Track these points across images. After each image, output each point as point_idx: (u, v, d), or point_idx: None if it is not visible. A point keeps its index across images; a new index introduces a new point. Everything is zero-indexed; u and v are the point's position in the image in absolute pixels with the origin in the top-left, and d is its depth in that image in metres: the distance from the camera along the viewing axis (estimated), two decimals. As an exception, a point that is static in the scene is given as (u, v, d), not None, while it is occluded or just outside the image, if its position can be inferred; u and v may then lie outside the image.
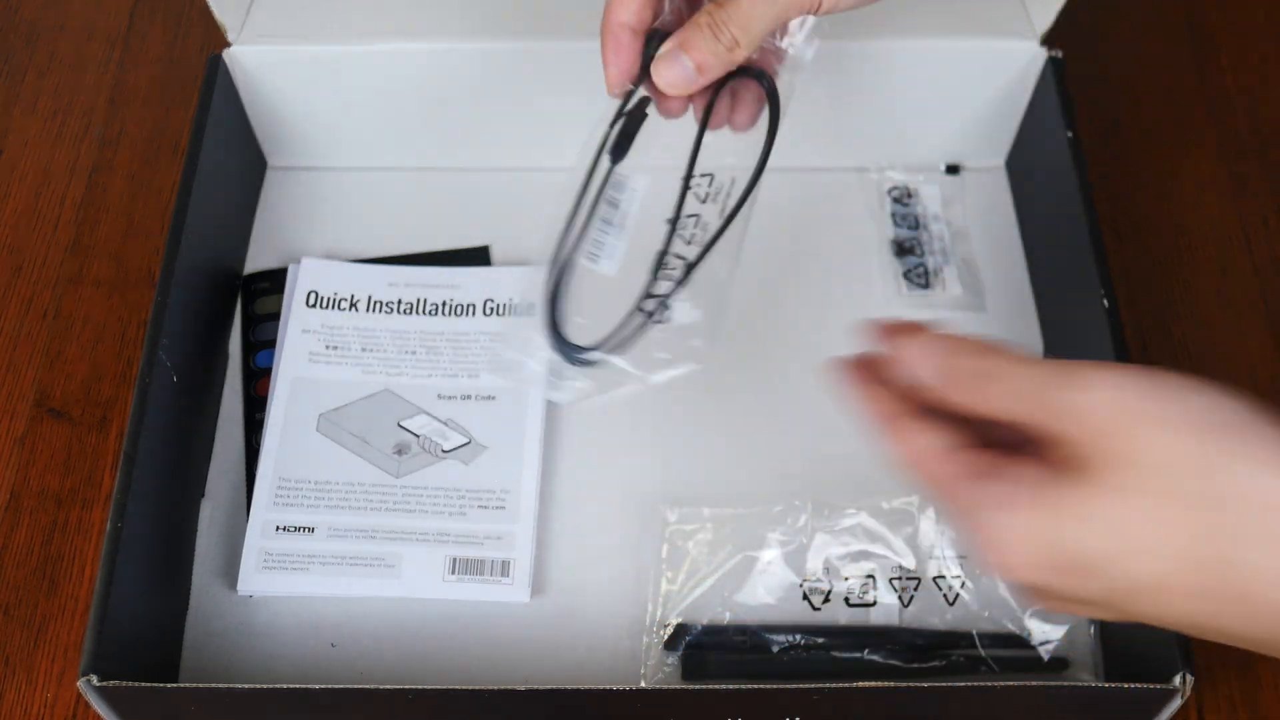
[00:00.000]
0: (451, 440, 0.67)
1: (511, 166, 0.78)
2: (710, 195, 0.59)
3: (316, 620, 0.63)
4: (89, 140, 0.82)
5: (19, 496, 0.68)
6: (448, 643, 0.62)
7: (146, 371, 0.61)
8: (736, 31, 0.52)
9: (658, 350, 0.56)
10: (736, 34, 0.52)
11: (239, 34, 0.72)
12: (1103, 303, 0.63)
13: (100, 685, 0.53)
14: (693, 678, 0.61)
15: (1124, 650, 0.60)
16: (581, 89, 0.74)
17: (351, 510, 0.65)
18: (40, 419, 0.70)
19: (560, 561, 0.65)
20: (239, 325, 0.72)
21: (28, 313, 0.74)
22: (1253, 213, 0.78)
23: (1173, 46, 0.85)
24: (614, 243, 0.58)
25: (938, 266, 0.74)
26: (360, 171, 0.79)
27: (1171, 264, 0.76)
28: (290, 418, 0.67)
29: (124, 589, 0.56)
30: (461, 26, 0.72)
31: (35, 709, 0.62)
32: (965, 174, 0.78)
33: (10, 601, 0.65)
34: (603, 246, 0.58)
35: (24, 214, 0.79)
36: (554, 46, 0.72)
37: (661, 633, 0.62)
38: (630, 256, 0.57)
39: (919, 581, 0.63)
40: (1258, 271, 0.75)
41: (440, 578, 0.63)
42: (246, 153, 0.77)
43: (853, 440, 0.67)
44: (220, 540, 0.65)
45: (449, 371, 0.69)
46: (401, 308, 0.72)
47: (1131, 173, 0.79)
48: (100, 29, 0.87)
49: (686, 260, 0.57)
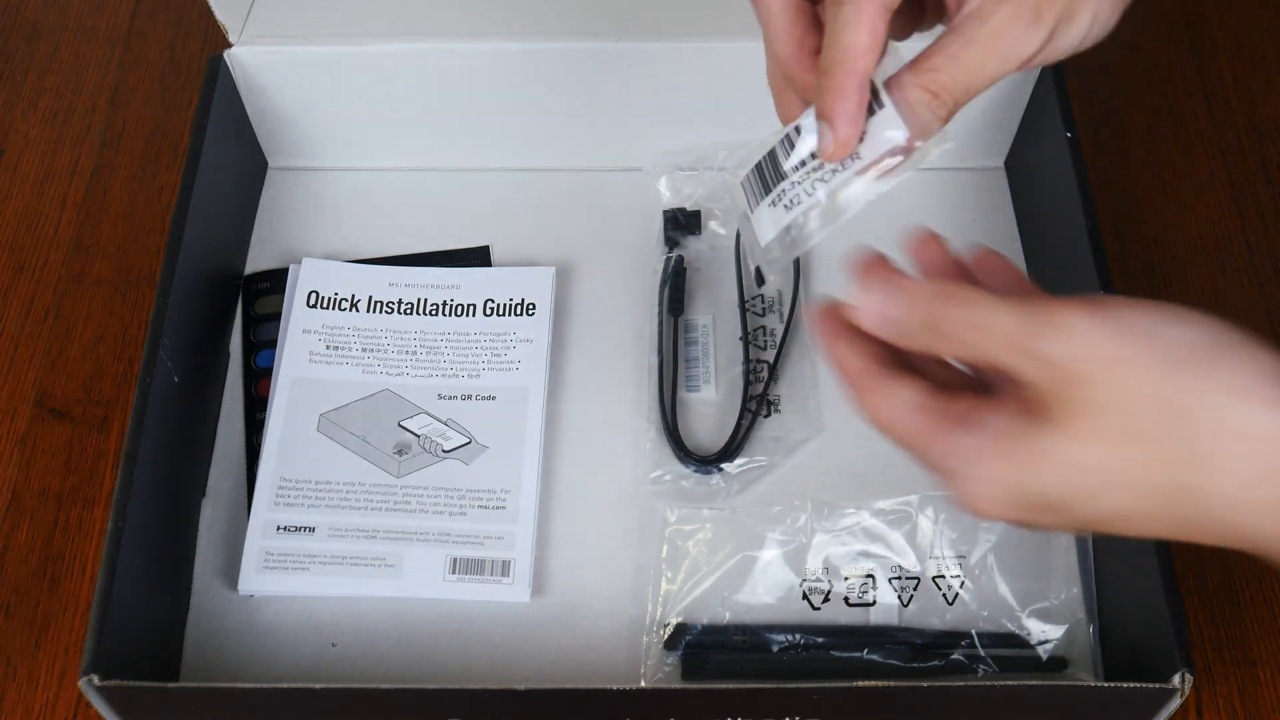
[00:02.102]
0: (452, 440, 0.67)
1: (511, 166, 0.78)
2: (766, 308, 0.72)
3: (317, 620, 0.63)
4: (90, 140, 0.82)
5: (20, 496, 0.68)
6: (448, 643, 0.62)
7: (147, 371, 0.61)
8: (956, 99, 0.46)
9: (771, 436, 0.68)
10: (955, 100, 0.46)
11: (239, 34, 0.72)
12: (1102, 303, 0.63)
13: (101, 685, 0.53)
14: (693, 677, 0.61)
15: (1123, 650, 0.60)
16: (582, 89, 0.75)
17: (352, 510, 0.65)
18: (41, 419, 0.71)
19: (560, 561, 0.65)
20: (239, 325, 0.72)
21: (29, 313, 0.74)
22: (1253, 213, 0.78)
23: (1173, 46, 0.85)
24: (704, 371, 0.70)
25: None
26: (360, 171, 0.79)
27: (1171, 264, 0.76)
28: (291, 418, 0.67)
29: (125, 589, 0.56)
30: (461, 26, 0.72)
31: (36, 709, 0.62)
32: (965, 174, 0.78)
33: (11, 601, 0.65)
34: (696, 377, 0.70)
35: (25, 214, 0.79)
36: (554, 47, 0.72)
37: (661, 632, 0.62)
38: (721, 376, 0.70)
39: (918, 581, 0.63)
40: (1257, 271, 0.75)
41: (441, 577, 0.63)
42: (247, 153, 0.77)
43: (852, 440, 0.67)
44: (221, 540, 0.65)
45: (449, 371, 0.70)
46: (402, 308, 0.72)
47: (1131, 173, 0.79)
48: (101, 29, 0.87)
49: (768, 363, 0.69)
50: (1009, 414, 0.42)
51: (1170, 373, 0.39)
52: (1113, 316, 0.40)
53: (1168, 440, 0.39)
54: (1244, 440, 0.39)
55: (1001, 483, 0.42)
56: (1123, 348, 0.40)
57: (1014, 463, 0.41)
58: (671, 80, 0.73)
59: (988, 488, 0.42)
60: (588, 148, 0.77)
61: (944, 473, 0.43)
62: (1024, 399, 0.41)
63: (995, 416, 0.42)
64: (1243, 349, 0.40)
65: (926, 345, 0.43)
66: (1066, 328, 0.40)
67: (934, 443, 0.43)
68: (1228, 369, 0.39)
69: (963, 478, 0.42)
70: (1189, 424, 0.39)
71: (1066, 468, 0.41)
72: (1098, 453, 0.40)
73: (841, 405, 0.69)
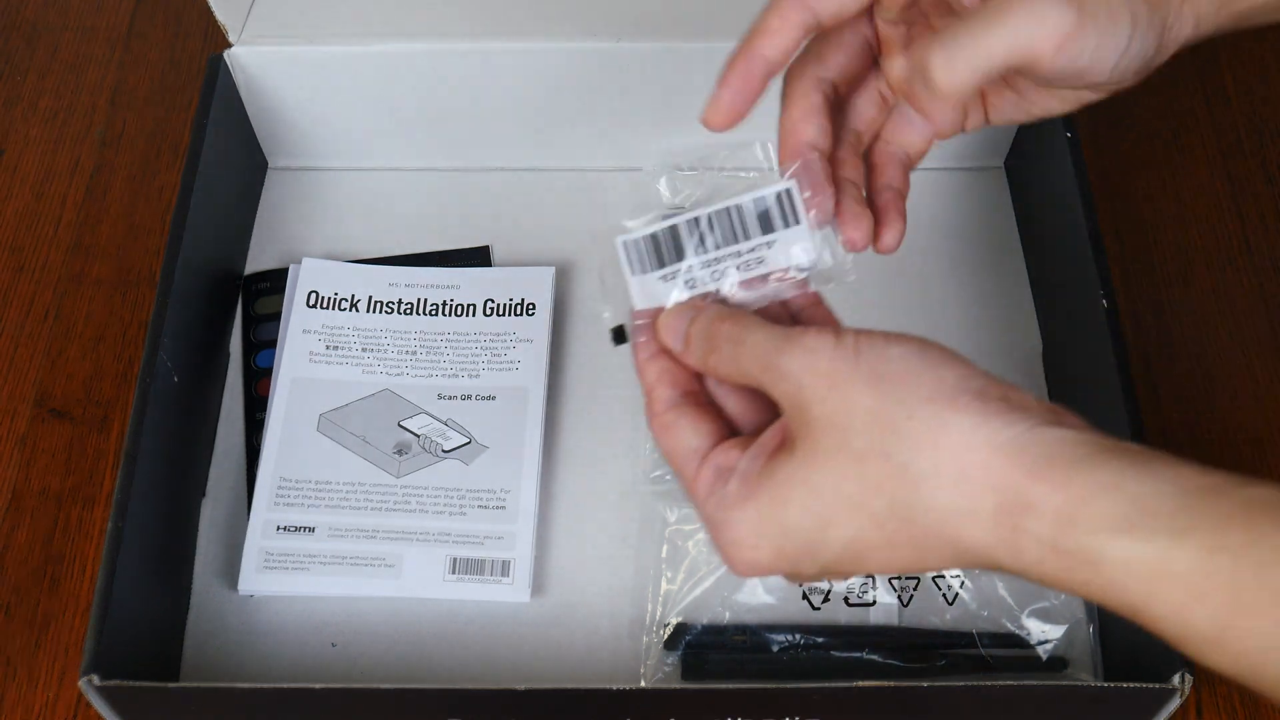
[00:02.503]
0: (452, 440, 0.67)
1: (511, 166, 0.78)
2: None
3: (317, 620, 0.63)
4: (90, 140, 0.82)
5: (20, 496, 0.68)
6: (448, 643, 0.62)
7: (147, 371, 0.61)
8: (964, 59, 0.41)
9: None
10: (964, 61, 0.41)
11: (239, 34, 0.72)
12: (1102, 303, 0.63)
13: (101, 685, 0.53)
14: (692, 677, 0.61)
15: (1123, 649, 0.60)
16: (582, 89, 0.74)
17: (352, 510, 0.65)
18: (41, 419, 0.71)
19: (560, 561, 0.65)
20: (239, 325, 0.72)
21: (29, 313, 0.74)
22: (1253, 213, 0.78)
23: (1173, 46, 0.85)
24: None
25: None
26: (360, 171, 0.79)
27: (1171, 264, 0.76)
28: (291, 418, 0.67)
29: (125, 589, 0.56)
30: (461, 26, 0.72)
31: (36, 708, 0.62)
32: (965, 174, 0.78)
33: (11, 601, 0.65)
34: None
35: (25, 214, 0.79)
36: (554, 47, 0.72)
37: (661, 632, 0.62)
38: None
39: (918, 581, 0.63)
40: (1257, 271, 0.75)
41: (440, 577, 0.63)
42: (247, 153, 0.77)
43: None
44: (221, 540, 0.65)
45: (449, 371, 0.70)
46: (402, 308, 0.72)
47: (1131, 172, 0.79)
48: (101, 29, 0.87)
49: None
50: (755, 454, 0.42)
51: (880, 388, 0.39)
52: (845, 337, 0.41)
53: (885, 457, 0.39)
54: (951, 451, 0.38)
55: (754, 525, 0.41)
56: (836, 363, 0.40)
57: (762, 500, 0.41)
58: (671, 80, 0.73)
59: (745, 533, 0.41)
60: (588, 148, 0.77)
61: (708, 526, 0.43)
62: (784, 430, 0.42)
63: (745, 458, 0.42)
64: (943, 364, 0.40)
65: (703, 359, 0.44)
66: (803, 345, 0.41)
67: (696, 487, 0.43)
68: (932, 380, 0.39)
69: (721, 525, 0.42)
70: (902, 438, 0.39)
71: (806, 492, 0.40)
72: (826, 473, 0.40)
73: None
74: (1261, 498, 0.35)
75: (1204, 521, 0.35)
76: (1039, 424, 0.38)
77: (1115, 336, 0.62)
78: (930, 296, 0.73)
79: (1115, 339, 0.62)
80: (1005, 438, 0.38)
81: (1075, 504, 0.37)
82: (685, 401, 0.45)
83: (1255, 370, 0.72)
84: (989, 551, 0.38)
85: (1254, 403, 0.70)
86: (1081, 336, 0.66)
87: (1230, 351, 0.72)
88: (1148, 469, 0.37)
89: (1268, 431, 0.70)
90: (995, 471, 0.38)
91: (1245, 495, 0.35)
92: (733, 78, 0.46)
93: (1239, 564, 0.34)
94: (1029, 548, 0.37)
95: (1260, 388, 0.71)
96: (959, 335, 0.71)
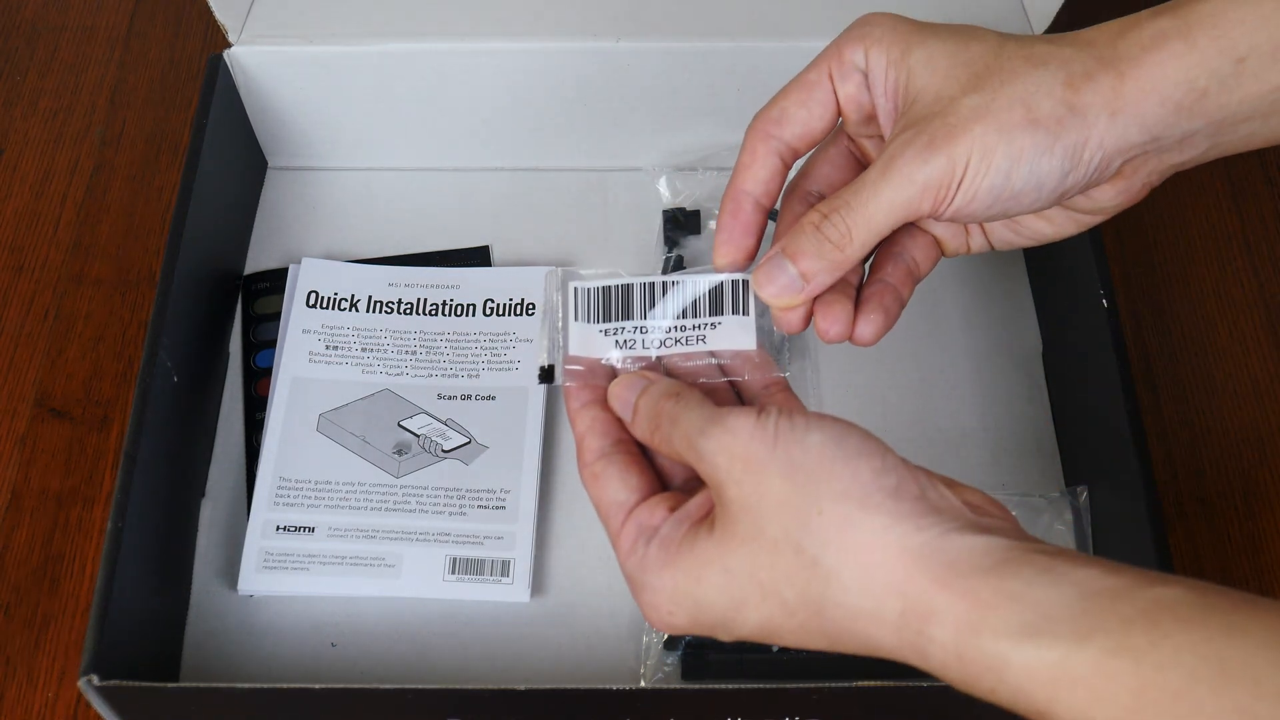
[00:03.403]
0: (451, 440, 0.67)
1: (511, 166, 0.78)
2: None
3: (317, 620, 0.63)
4: (90, 140, 0.82)
5: (20, 496, 0.68)
6: (448, 643, 0.62)
7: (147, 371, 0.61)
8: (850, 223, 0.44)
9: None
10: (849, 226, 0.44)
11: (239, 34, 0.72)
12: (1102, 303, 0.63)
13: (101, 685, 0.53)
14: (692, 677, 0.61)
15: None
16: (582, 89, 0.74)
17: (352, 510, 0.65)
18: (41, 419, 0.71)
19: (560, 561, 0.65)
20: (239, 325, 0.72)
21: (29, 312, 0.74)
22: (1253, 213, 0.78)
23: (1173, 46, 0.85)
24: None
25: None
26: (360, 171, 0.79)
27: (1171, 264, 0.76)
28: (290, 418, 0.67)
29: (125, 589, 0.56)
30: (461, 26, 0.72)
31: (36, 708, 0.62)
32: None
33: (11, 601, 0.65)
34: None
35: (25, 214, 0.79)
36: (554, 46, 0.72)
37: (661, 632, 0.62)
38: None
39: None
40: (1257, 271, 0.75)
41: (440, 578, 0.63)
42: (246, 153, 0.77)
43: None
44: (220, 540, 0.65)
45: (449, 371, 0.70)
46: (401, 308, 0.72)
47: (1131, 172, 0.79)
48: (100, 29, 0.87)
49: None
50: (679, 520, 0.42)
51: (794, 478, 0.39)
52: (766, 419, 0.40)
53: (797, 549, 0.39)
54: (858, 552, 0.38)
55: (669, 594, 0.41)
56: (752, 446, 0.40)
57: (679, 571, 0.41)
58: (671, 80, 0.73)
59: (661, 600, 0.42)
60: (588, 148, 0.77)
61: (626, 580, 0.43)
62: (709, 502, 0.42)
63: (669, 523, 0.42)
64: (861, 456, 0.39)
65: (649, 435, 0.44)
66: (727, 426, 0.41)
67: (619, 542, 0.43)
68: (847, 474, 0.39)
69: (640, 586, 0.42)
70: (811, 533, 0.39)
71: (719, 572, 0.40)
72: (740, 558, 0.40)
73: (841, 405, 0.69)
74: (1168, 597, 0.35)
75: (1106, 624, 0.35)
76: (951, 529, 0.38)
77: (1115, 336, 0.62)
78: (930, 297, 0.73)
79: (1115, 339, 0.62)
80: (916, 542, 0.38)
81: (979, 612, 0.37)
82: (616, 450, 0.45)
83: (1255, 370, 0.72)
84: (897, 652, 0.39)
85: (1254, 403, 0.70)
86: (1081, 336, 0.66)
87: (1230, 351, 0.72)
88: (1053, 574, 0.36)
89: (1268, 431, 0.70)
90: (901, 576, 0.38)
91: (1151, 596, 0.35)
92: (725, 221, 0.48)
93: (1140, 666, 0.34)
94: (934, 654, 0.38)
95: (1260, 388, 0.71)
96: (959, 335, 0.71)
